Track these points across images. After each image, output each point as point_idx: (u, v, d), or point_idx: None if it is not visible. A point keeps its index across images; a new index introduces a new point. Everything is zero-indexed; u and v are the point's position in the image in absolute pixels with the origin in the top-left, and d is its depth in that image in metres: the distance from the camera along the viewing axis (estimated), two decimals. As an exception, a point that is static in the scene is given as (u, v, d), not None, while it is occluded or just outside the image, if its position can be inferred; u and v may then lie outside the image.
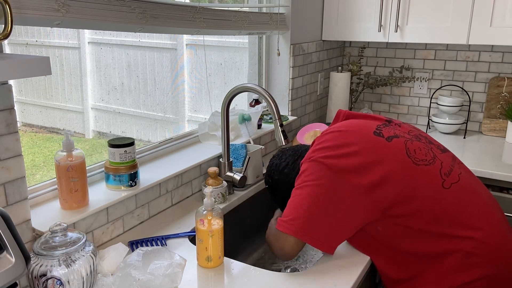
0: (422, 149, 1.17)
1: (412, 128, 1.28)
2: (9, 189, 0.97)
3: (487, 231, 1.10)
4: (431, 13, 2.10)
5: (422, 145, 1.19)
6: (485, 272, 1.08)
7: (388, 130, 1.20)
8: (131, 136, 1.93)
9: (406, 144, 1.17)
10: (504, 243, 1.12)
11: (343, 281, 1.08)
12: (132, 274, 0.99)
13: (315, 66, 2.39)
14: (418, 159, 1.14)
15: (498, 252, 1.10)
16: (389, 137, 1.18)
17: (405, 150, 1.15)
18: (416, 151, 1.16)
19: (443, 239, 1.09)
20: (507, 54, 2.27)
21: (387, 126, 1.23)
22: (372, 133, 1.18)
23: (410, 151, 1.15)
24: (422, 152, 1.16)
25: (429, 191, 1.11)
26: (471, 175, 1.22)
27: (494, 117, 2.33)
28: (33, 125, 3.77)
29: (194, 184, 1.57)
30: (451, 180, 1.14)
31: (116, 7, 1.23)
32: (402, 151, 1.14)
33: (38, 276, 0.90)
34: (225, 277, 1.10)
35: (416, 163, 1.13)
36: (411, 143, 1.17)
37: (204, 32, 1.63)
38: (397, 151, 1.14)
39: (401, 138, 1.18)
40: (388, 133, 1.19)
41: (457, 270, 1.09)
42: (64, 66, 3.74)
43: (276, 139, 1.43)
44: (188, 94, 3.44)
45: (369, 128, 1.20)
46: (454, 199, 1.11)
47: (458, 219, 1.10)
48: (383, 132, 1.19)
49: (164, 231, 1.32)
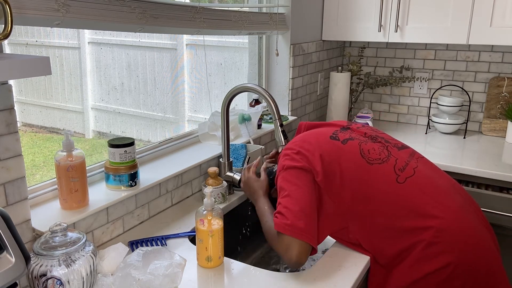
0: (376, 149, 1.25)
1: (371, 130, 1.35)
2: (9, 189, 0.97)
3: (445, 218, 1.12)
4: (431, 13, 2.10)
5: (376, 146, 1.26)
6: (448, 259, 1.09)
7: (343, 135, 1.30)
8: (131, 136, 1.93)
9: (360, 145, 1.25)
10: (464, 228, 1.13)
11: (343, 281, 1.08)
12: (132, 274, 0.99)
13: (315, 66, 2.39)
14: (372, 159, 1.22)
15: (459, 238, 1.12)
16: (345, 139, 1.27)
17: (359, 151, 1.23)
18: (370, 151, 1.24)
19: (405, 233, 1.14)
20: (507, 54, 2.27)
21: (344, 131, 1.32)
22: (328, 137, 1.28)
23: (364, 152, 1.23)
24: (376, 152, 1.24)
25: (384, 188, 1.17)
26: (430, 168, 1.27)
27: (494, 117, 2.33)
28: (33, 125, 3.77)
29: (194, 184, 1.57)
30: (406, 175, 1.20)
31: (116, 7, 1.23)
32: (356, 152, 1.23)
33: (38, 276, 0.90)
34: (225, 277, 1.10)
35: (370, 162, 1.21)
36: (365, 144, 1.26)
37: (204, 32, 1.63)
38: (352, 153, 1.23)
39: (355, 140, 1.27)
40: (344, 137, 1.28)
41: (421, 261, 1.12)
42: (64, 66, 3.74)
43: (276, 139, 1.43)
44: (188, 94, 3.44)
45: (326, 134, 1.30)
46: (409, 193, 1.16)
47: (414, 211, 1.14)
48: (338, 136, 1.29)
49: (164, 231, 1.32)
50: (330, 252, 1.21)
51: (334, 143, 1.26)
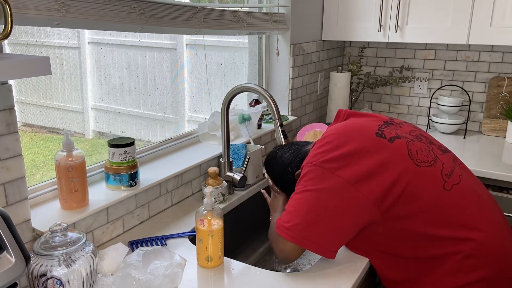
0: (423, 150, 1.16)
1: (413, 127, 1.27)
2: (9, 189, 0.97)
3: (487, 232, 1.09)
4: (431, 13, 2.10)
5: (423, 146, 1.17)
6: (484, 274, 1.07)
7: (389, 131, 1.19)
8: (131, 136, 1.93)
9: (408, 145, 1.15)
10: (504, 245, 1.11)
11: (343, 281, 1.08)
12: (132, 274, 0.99)
13: (315, 66, 2.39)
14: (420, 161, 1.13)
15: (498, 254, 1.09)
16: (391, 138, 1.16)
17: (407, 151, 1.14)
18: (417, 152, 1.15)
19: (442, 241, 1.08)
20: (507, 54, 2.27)
21: (389, 126, 1.22)
22: (374, 134, 1.16)
23: (412, 152, 1.14)
24: (424, 153, 1.15)
25: (430, 193, 1.09)
26: (472, 176, 1.21)
27: (494, 117, 2.33)
28: (33, 125, 3.77)
29: (194, 184, 1.57)
30: (452, 182, 1.13)
31: (116, 7, 1.23)
32: (404, 152, 1.13)
33: (38, 276, 0.90)
34: (225, 277, 1.10)
35: (418, 164, 1.12)
36: (412, 144, 1.16)
37: (204, 32, 1.63)
38: (399, 153, 1.12)
39: (403, 138, 1.17)
40: (390, 134, 1.17)
41: (456, 272, 1.08)
42: (64, 66, 3.74)
43: (276, 139, 1.43)
44: (188, 94, 3.44)
45: (371, 128, 1.18)
46: (455, 201, 1.11)
47: (458, 221, 1.09)
48: (385, 132, 1.17)
49: (164, 231, 1.32)
50: (330, 252, 1.21)
51: (380, 141, 1.14)
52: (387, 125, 1.22)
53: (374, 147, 1.12)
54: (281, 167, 1.35)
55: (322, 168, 1.11)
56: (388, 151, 1.12)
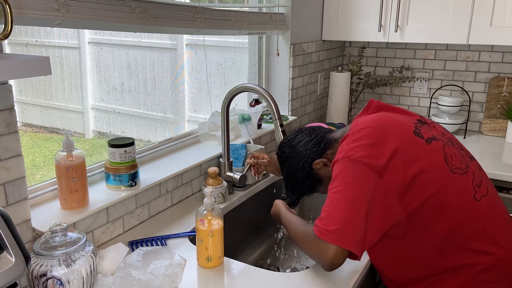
0: (457, 156, 1.11)
1: (444, 129, 1.22)
2: (9, 189, 0.97)
3: (507, 249, 1.07)
4: (431, 13, 2.10)
5: (456, 152, 1.13)
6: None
7: (426, 130, 1.13)
8: (131, 136, 1.93)
9: (444, 148, 1.10)
10: None
11: (343, 281, 1.08)
12: (132, 274, 0.99)
13: (315, 66, 2.39)
14: (455, 167, 1.08)
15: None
16: (428, 138, 1.10)
17: (443, 155, 1.08)
18: (452, 157, 1.10)
19: (463, 252, 1.05)
20: (507, 54, 2.27)
21: (424, 125, 1.15)
22: (412, 132, 1.10)
23: (448, 157, 1.09)
24: (457, 160, 1.10)
25: (461, 202, 1.05)
26: (494, 187, 1.17)
27: (494, 117, 2.33)
28: (33, 125, 3.78)
29: (194, 184, 1.57)
30: (482, 193, 1.09)
31: (116, 7, 1.23)
32: (440, 156, 1.08)
33: (38, 276, 0.90)
34: (225, 277, 1.10)
35: (453, 170, 1.07)
36: (448, 148, 1.11)
37: (204, 32, 1.63)
38: (436, 156, 1.07)
39: (439, 141, 1.11)
40: (427, 134, 1.12)
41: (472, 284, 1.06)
42: (64, 66, 3.74)
43: (276, 139, 1.43)
44: (188, 94, 3.44)
45: (408, 126, 1.12)
46: (483, 213, 1.07)
47: (483, 233, 1.06)
48: (422, 132, 1.12)
49: (164, 231, 1.32)
50: (330, 252, 1.21)
51: (418, 141, 1.08)
52: (422, 124, 1.16)
53: (413, 147, 1.07)
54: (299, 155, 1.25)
55: (361, 163, 1.02)
56: (426, 154, 1.07)
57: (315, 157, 1.23)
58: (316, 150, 1.23)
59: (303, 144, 1.26)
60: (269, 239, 1.72)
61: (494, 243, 1.06)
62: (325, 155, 1.23)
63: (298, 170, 1.25)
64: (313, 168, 1.23)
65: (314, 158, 1.23)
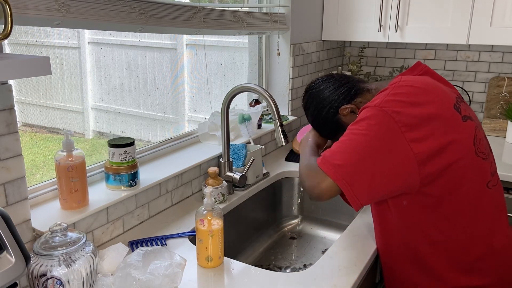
0: (483, 141, 1.10)
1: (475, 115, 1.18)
2: (9, 189, 0.97)
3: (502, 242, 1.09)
4: (431, 13, 2.10)
5: (483, 137, 1.11)
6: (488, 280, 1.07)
7: (464, 108, 1.10)
8: (131, 136, 1.93)
9: (475, 130, 1.08)
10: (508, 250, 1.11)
11: (343, 281, 1.08)
12: (132, 274, 0.99)
13: (315, 66, 2.39)
14: (480, 151, 1.07)
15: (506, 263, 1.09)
16: (465, 116, 1.07)
17: (474, 136, 1.06)
18: (480, 141, 1.08)
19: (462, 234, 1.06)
20: (507, 54, 2.27)
21: (463, 102, 1.12)
22: (452, 105, 1.06)
23: (477, 140, 1.07)
24: (483, 144, 1.09)
25: (474, 185, 1.05)
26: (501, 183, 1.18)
27: (494, 117, 2.33)
28: (33, 125, 3.78)
29: (194, 184, 1.57)
30: (494, 182, 1.10)
31: (116, 7, 1.23)
32: (471, 136, 1.06)
33: (38, 276, 0.90)
34: (225, 277, 1.10)
35: (477, 153, 1.06)
36: (478, 131, 1.09)
37: (204, 32, 1.63)
38: (467, 135, 1.05)
39: (473, 121, 1.09)
40: (465, 112, 1.09)
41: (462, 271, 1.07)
42: (64, 66, 3.74)
43: (276, 139, 1.43)
44: (188, 94, 3.44)
45: (451, 98, 1.08)
46: (491, 201, 1.08)
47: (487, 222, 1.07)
48: (461, 108, 1.08)
49: (164, 231, 1.32)
50: (330, 252, 1.21)
51: (455, 115, 1.05)
52: (462, 101, 1.13)
53: (449, 119, 1.03)
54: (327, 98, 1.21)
55: (390, 117, 0.99)
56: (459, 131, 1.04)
57: (344, 102, 1.19)
58: (346, 96, 1.19)
59: (333, 88, 1.22)
60: (269, 239, 1.72)
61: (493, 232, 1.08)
62: (353, 102, 1.19)
63: (324, 113, 1.23)
64: (339, 113, 1.20)
65: (343, 103, 1.19)
